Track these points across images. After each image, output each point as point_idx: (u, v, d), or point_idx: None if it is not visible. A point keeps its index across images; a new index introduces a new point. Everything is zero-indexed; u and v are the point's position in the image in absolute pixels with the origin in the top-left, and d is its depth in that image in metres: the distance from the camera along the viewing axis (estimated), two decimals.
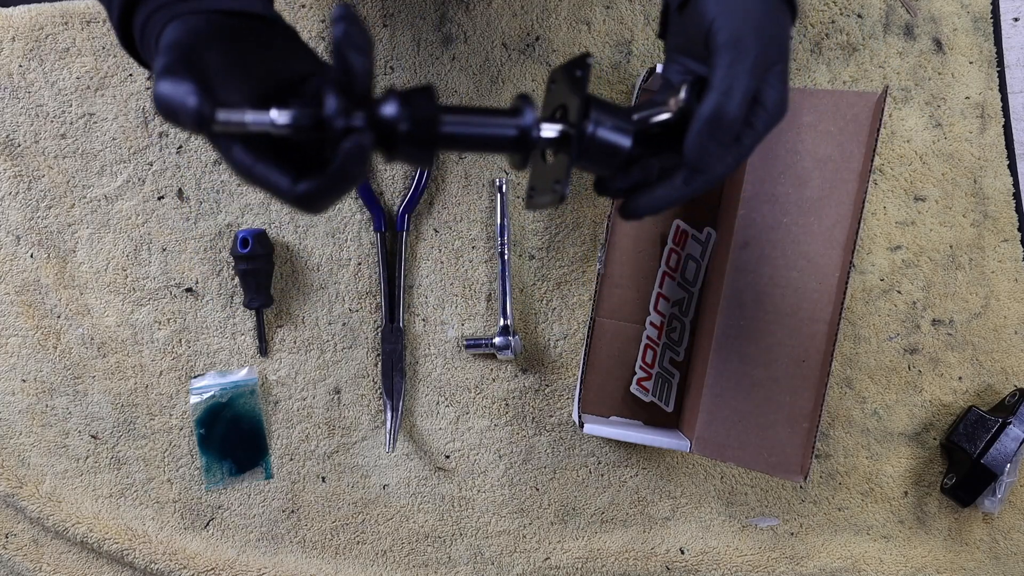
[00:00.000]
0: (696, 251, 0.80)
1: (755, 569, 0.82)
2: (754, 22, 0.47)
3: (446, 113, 0.46)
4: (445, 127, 0.46)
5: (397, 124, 0.44)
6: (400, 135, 0.45)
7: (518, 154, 0.49)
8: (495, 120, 0.48)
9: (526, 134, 0.48)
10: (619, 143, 0.49)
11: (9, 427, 0.83)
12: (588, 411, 0.80)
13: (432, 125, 0.45)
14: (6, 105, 0.81)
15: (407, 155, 0.46)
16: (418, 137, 0.45)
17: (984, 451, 0.78)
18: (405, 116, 0.44)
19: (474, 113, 0.48)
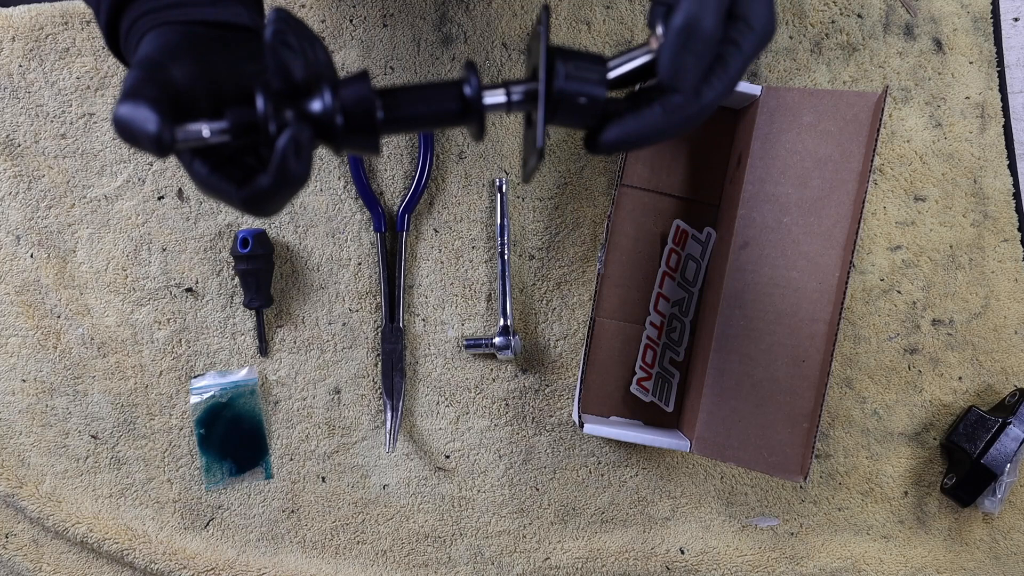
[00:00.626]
0: (696, 251, 0.80)
1: (755, 569, 0.82)
2: None
3: (383, 97, 0.45)
4: (383, 111, 0.45)
5: (332, 117, 0.43)
6: (337, 127, 0.44)
7: (470, 125, 0.47)
8: (436, 95, 0.46)
9: (470, 104, 0.46)
10: (592, 92, 0.45)
11: (9, 427, 0.83)
12: (588, 411, 0.80)
13: (368, 114, 0.44)
14: (6, 105, 0.81)
15: (352, 144, 0.45)
16: (356, 127, 0.44)
17: (984, 451, 0.78)
18: (337, 107, 0.43)
19: (415, 92, 0.46)
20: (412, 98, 0.46)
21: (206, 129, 0.42)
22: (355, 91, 0.44)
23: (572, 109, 0.46)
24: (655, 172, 0.80)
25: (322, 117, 0.44)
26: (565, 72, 0.45)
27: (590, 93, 0.45)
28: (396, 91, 0.46)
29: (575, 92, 0.45)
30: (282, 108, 0.43)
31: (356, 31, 0.82)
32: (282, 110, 0.43)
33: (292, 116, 0.43)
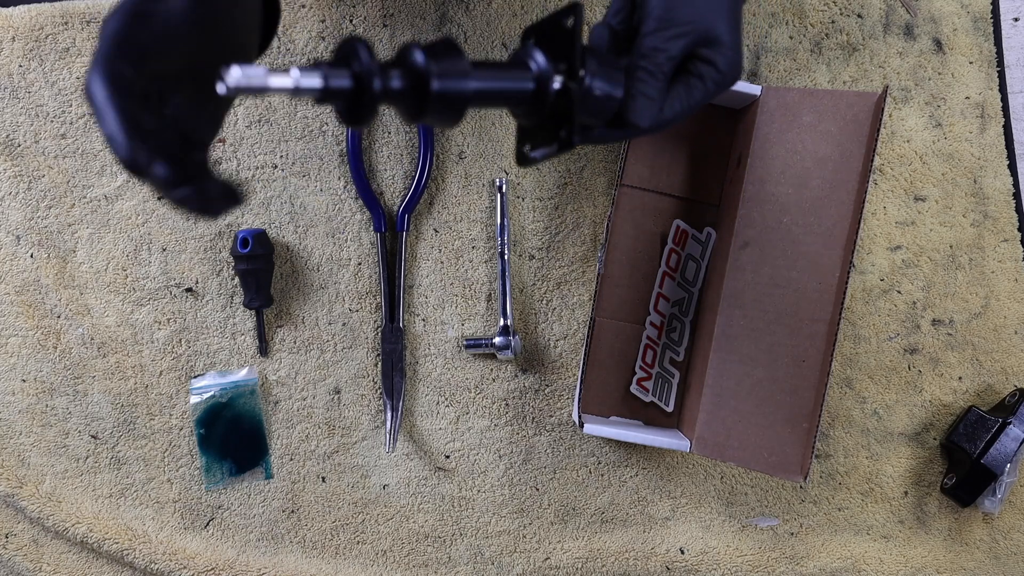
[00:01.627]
0: (696, 251, 0.80)
1: (755, 569, 0.82)
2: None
3: (473, 77, 0.45)
4: (472, 83, 0.45)
5: (429, 81, 0.43)
6: (433, 95, 0.43)
7: (534, 107, 0.49)
8: (513, 74, 0.47)
9: (546, 92, 0.48)
10: (614, 94, 0.50)
11: (9, 427, 0.83)
12: (588, 411, 0.80)
13: (461, 98, 0.45)
14: (6, 105, 0.81)
15: (437, 114, 0.45)
16: (450, 96, 0.44)
17: (984, 451, 0.78)
18: (436, 72, 0.43)
19: (495, 69, 0.47)
20: (494, 74, 0.47)
21: (296, 78, 0.41)
22: (454, 58, 0.44)
23: (595, 108, 0.50)
24: (655, 172, 0.80)
25: (421, 81, 0.43)
26: (594, 72, 0.48)
27: (612, 95, 0.50)
28: (480, 65, 0.46)
29: (603, 94, 0.49)
30: (384, 70, 0.43)
31: (356, 31, 0.82)
32: (387, 71, 0.43)
33: (398, 79, 0.43)
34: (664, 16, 0.51)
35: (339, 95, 0.42)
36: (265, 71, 0.39)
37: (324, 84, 0.41)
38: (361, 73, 0.42)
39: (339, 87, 0.42)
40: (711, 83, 0.53)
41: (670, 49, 0.52)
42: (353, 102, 0.43)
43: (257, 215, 0.82)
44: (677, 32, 0.51)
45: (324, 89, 0.41)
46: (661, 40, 0.51)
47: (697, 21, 0.52)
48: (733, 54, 0.53)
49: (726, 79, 0.54)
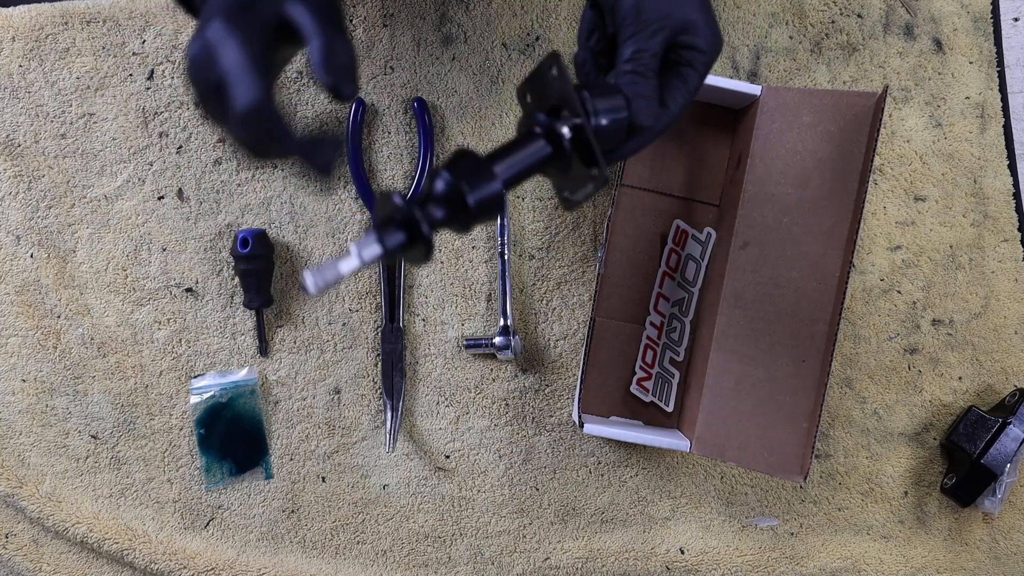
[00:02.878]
0: (696, 251, 0.80)
1: (755, 569, 0.82)
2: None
3: (496, 169, 0.49)
4: (498, 182, 0.49)
5: (465, 199, 0.47)
6: (472, 209, 0.48)
7: (559, 163, 0.52)
8: (528, 149, 0.51)
9: (561, 145, 0.51)
10: (620, 116, 0.53)
11: (9, 427, 0.83)
12: (588, 411, 0.80)
13: (497, 195, 0.49)
14: (6, 105, 0.81)
15: (483, 218, 0.49)
16: (486, 201, 0.48)
17: (984, 451, 0.78)
18: (467, 189, 0.48)
19: (509, 152, 0.51)
20: (515, 158, 0.51)
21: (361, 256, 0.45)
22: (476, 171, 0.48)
23: (609, 137, 0.53)
24: (655, 172, 0.80)
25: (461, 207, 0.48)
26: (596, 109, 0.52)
27: (622, 119, 0.53)
28: (497, 158, 0.50)
29: (611, 123, 0.53)
30: (426, 208, 0.47)
31: (356, 31, 0.82)
32: (426, 208, 0.47)
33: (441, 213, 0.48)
34: (636, 19, 0.54)
35: (398, 249, 0.46)
36: (333, 264, 0.44)
37: (384, 249, 0.46)
38: (407, 221, 0.46)
39: (396, 244, 0.46)
40: (700, 65, 0.55)
41: (651, 47, 0.54)
42: (412, 247, 0.47)
43: (257, 215, 0.82)
44: (653, 29, 0.53)
45: (385, 252, 0.46)
46: (640, 41, 0.54)
47: (669, 13, 0.54)
48: (711, 31, 0.55)
49: (711, 56, 0.56)
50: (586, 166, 0.52)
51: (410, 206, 0.46)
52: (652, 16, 0.53)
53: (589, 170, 0.52)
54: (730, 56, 0.82)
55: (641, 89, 0.53)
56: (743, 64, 0.82)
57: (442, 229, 0.48)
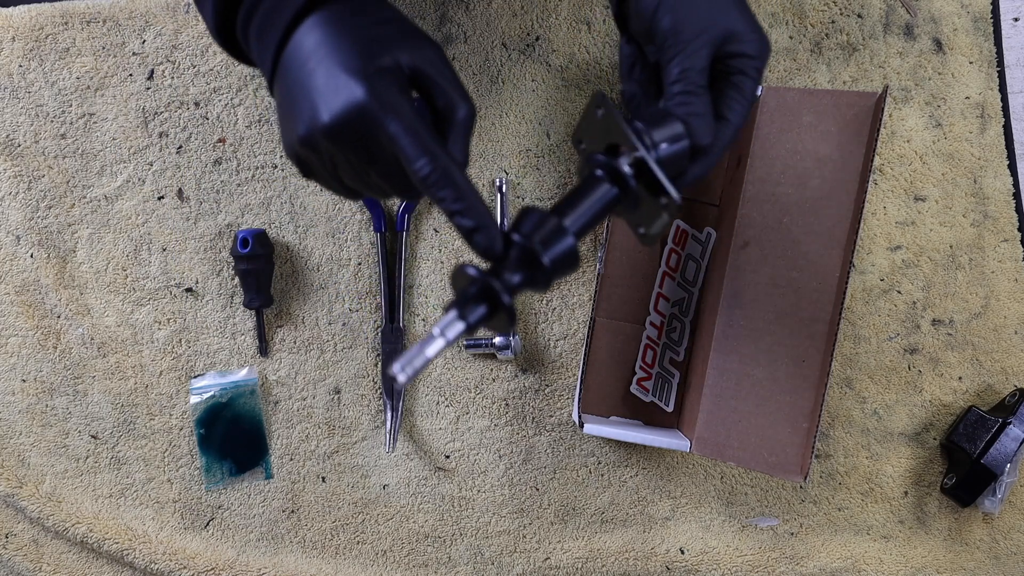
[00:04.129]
0: (696, 251, 0.80)
1: (755, 569, 0.82)
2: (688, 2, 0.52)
3: (566, 222, 0.49)
4: (571, 236, 0.48)
5: (540, 258, 0.47)
6: (547, 268, 0.47)
7: (627, 202, 0.51)
8: (594, 195, 0.50)
9: (626, 183, 0.50)
10: (681, 143, 0.51)
11: (9, 427, 0.83)
12: (588, 411, 0.80)
13: (571, 250, 0.48)
14: (6, 105, 0.81)
15: (562, 274, 0.49)
16: (562, 257, 0.48)
17: (984, 451, 0.77)
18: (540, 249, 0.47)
19: (575, 200, 0.50)
20: (584, 207, 0.50)
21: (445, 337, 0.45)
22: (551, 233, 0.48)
23: (673, 166, 0.52)
24: None
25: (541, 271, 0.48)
26: (654, 142, 0.51)
27: (683, 149, 0.52)
28: (564, 210, 0.49)
29: (673, 154, 0.52)
30: (502, 276, 0.47)
31: None
32: (503, 278, 0.47)
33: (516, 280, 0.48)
34: (676, 38, 0.52)
35: (480, 322, 0.46)
36: (419, 351, 0.44)
37: (467, 325, 0.45)
38: (486, 292, 0.46)
39: (479, 318, 0.46)
40: (753, 71, 0.54)
41: (696, 63, 0.52)
42: (494, 317, 0.47)
43: (257, 215, 0.82)
44: (695, 45, 0.52)
45: (468, 328, 0.46)
46: (685, 60, 0.52)
47: (707, 26, 0.52)
48: (756, 35, 0.54)
49: (762, 60, 0.54)
50: (655, 197, 0.51)
51: (486, 277, 0.46)
52: (691, 32, 0.52)
53: (659, 200, 0.50)
54: None
55: (695, 108, 0.52)
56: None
57: (521, 292, 0.48)
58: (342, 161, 0.48)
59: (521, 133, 0.82)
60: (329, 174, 0.50)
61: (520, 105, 0.82)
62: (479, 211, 0.47)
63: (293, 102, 0.48)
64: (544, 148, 0.82)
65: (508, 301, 0.45)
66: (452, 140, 0.49)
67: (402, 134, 0.46)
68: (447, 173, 0.46)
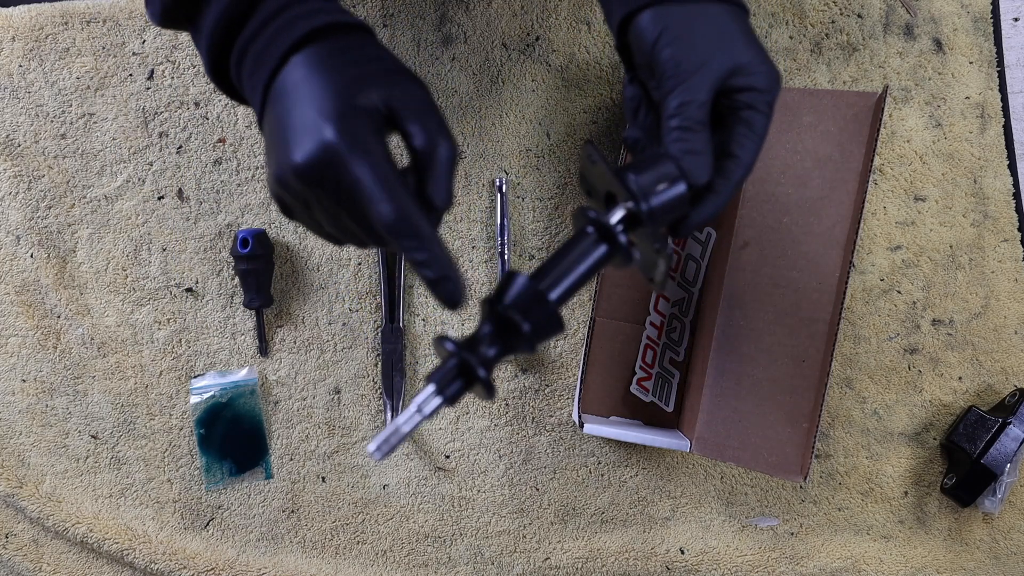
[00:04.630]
0: (696, 251, 0.80)
1: (755, 569, 0.82)
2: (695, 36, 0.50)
3: (549, 290, 0.48)
4: (551, 303, 0.48)
5: (520, 329, 0.47)
6: (527, 336, 0.47)
7: (620, 258, 0.50)
8: (582, 251, 0.49)
9: (615, 241, 0.49)
10: (677, 189, 0.49)
11: (9, 427, 0.83)
12: (588, 411, 0.80)
13: (553, 318, 0.48)
14: (6, 105, 0.81)
15: (546, 337, 0.49)
16: (544, 326, 0.48)
17: (984, 451, 0.78)
18: (520, 320, 0.47)
19: (562, 260, 0.49)
20: (569, 269, 0.49)
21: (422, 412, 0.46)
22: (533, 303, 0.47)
23: (669, 212, 0.50)
24: None
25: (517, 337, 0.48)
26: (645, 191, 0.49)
27: (677, 195, 0.49)
28: (549, 273, 0.49)
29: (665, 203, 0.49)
30: (478, 351, 0.47)
31: None
32: (479, 352, 0.47)
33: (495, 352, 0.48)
34: (676, 70, 0.50)
35: (458, 395, 0.46)
36: (396, 428, 0.45)
37: (444, 399, 0.46)
38: (462, 367, 0.46)
39: (455, 392, 0.46)
40: (763, 105, 0.51)
41: (697, 97, 0.50)
42: (471, 389, 0.47)
43: (257, 215, 0.82)
44: (697, 79, 0.50)
45: (446, 402, 0.46)
46: (684, 93, 0.50)
47: (710, 59, 0.50)
48: (765, 67, 0.51)
49: (773, 94, 0.52)
50: (651, 245, 0.50)
51: (462, 352, 0.46)
52: (693, 64, 0.49)
53: (654, 247, 0.49)
54: None
55: (691, 145, 0.49)
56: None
57: (501, 361, 0.48)
58: (315, 203, 0.47)
59: (521, 133, 0.82)
60: (307, 216, 0.49)
61: (520, 105, 0.82)
62: (442, 261, 0.46)
63: (272, 141, 0.48)
64: (544, 148, 0.82)
65: (484, 375, 0.46)
66: (433, 181, 0.48)
67: (367, 176, 0.44)
68: (410, 220, 0.45)
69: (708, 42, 0.50)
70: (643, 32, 0.51)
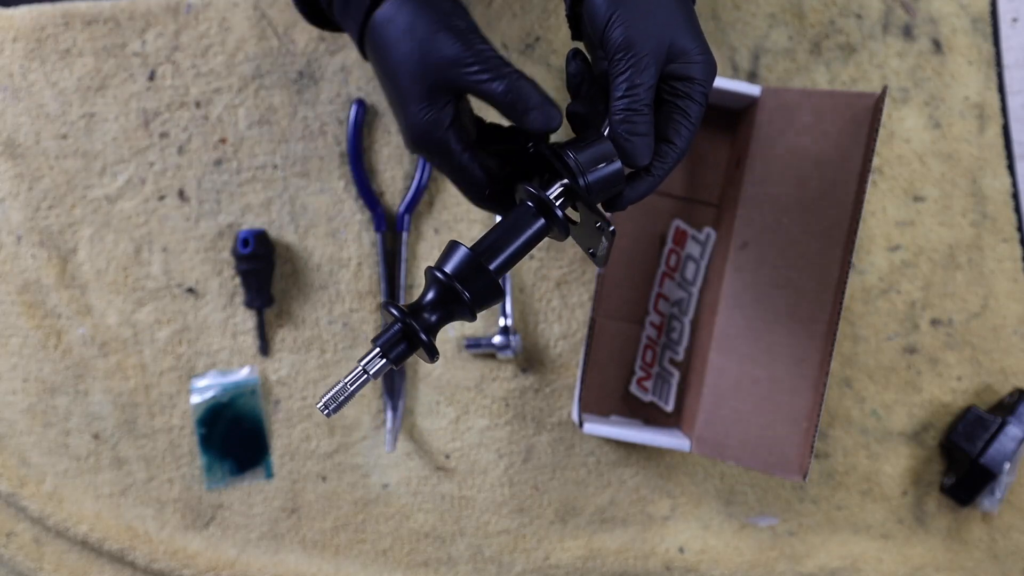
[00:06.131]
0: (696, 251, 0.80)
1: (754, 568, 0.82)
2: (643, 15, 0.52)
3: (489, 261, 0.50)
4: (492, 273, 0.50)
5: (460, 296, 0.49)
6: (469, 303, 0.49)
7: (557, 230, 0.52)
8: (521, 224, 0.51)
9: (552, 215, 0.51)
10: (612, 168, 0.51)
11: (10, 427, 0.83)
12: (588, 411, 0.80)
13: (492, 286, 0.50)
14: (7, 105, 0.81)
15: (486, 305, 0.51)
16: (483, 292, 0.50)
17: (983, 451, 0.78)
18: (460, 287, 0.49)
19: (502, 232, 0.51)
20: (508, 242, 0.51)
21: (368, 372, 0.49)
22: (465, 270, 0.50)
23: (605, 188, 0.52)
24: None
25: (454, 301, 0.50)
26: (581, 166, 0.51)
27: (612, 172, 0.52)
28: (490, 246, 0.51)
29: (601, 178, 0.52)
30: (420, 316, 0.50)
31: None
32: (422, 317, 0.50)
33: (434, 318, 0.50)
34: (627, 52, 0.51)
35: (402, 358, 0.49)
36: (343, 386, 0.48)
37: (388, 361, 0.49)
38: (406, 331, 0.49)
39: (398, 355, 0.49)
40: (699, 95, 0.53)
41: (645, 80, 0.51)
42: (415, 352, 0.50)
43: (258, 215, 0.82)
44: (646, 62, 0.51)
45: (390, 362, 0.49)
46: (634, 75, 0.51)
47: (658, 44, 0.51)
48: (704, 57, 0.53)
49: (709, 84, 0.54)
50: (593, 221, 0.51)
51: (405, 317, 0.48)
52: (644, 48, 0.51)
53: (595, 224, 0.51)
54: (729, 57, 0.83)
55: (638, 127, 0.51)
56: (742, 65, 0.83)
57: (443, 326, 0.50)
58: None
59: None
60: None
61: None
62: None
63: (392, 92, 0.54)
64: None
65: (426, 340, 0.48)
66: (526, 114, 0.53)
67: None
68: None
69: (658, 27, 0.52)
70: (597, 9, 0.53)
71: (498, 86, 0.50)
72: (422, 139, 0.53)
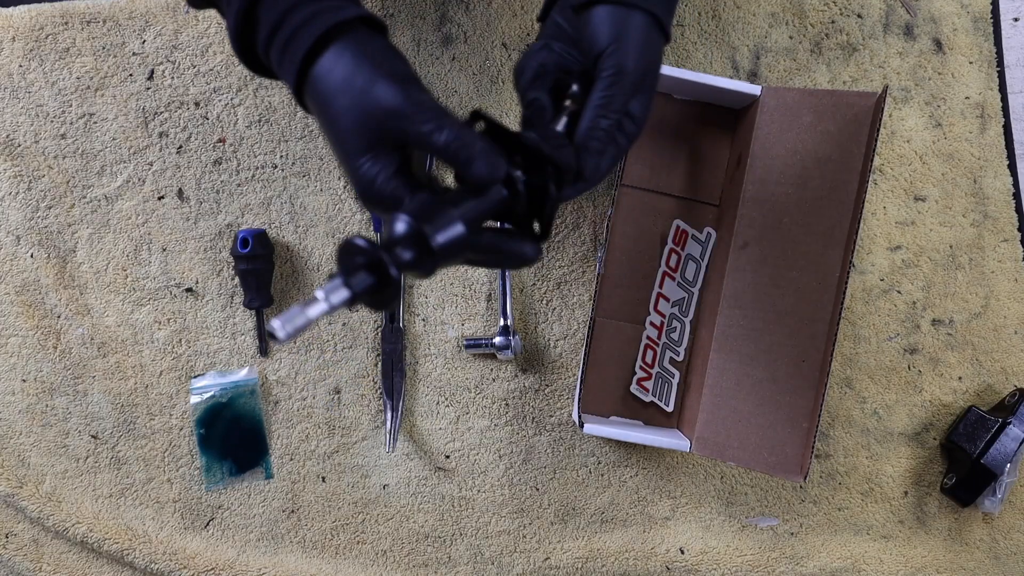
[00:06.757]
0: (696, 251, 0.80)
1: (755, 569, 0.82)
2: (636, 51, 0.54)
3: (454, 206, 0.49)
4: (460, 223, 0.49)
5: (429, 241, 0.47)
6: (436, 249, 0.47)
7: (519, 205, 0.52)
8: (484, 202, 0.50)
9: (515, 186, 0.51)
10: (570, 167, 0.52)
11: (9, 427, 0.83)
12: (588, 411, 0.80)
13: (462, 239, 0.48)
14: (6, 105, 0.81)
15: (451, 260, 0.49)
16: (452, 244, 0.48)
17: (984, 451, 0.78)
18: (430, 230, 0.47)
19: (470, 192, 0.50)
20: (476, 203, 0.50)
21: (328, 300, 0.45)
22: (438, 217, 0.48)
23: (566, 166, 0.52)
24: (655, 172, 0.80)
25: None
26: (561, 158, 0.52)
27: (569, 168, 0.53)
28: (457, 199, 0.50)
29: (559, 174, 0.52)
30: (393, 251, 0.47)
31: None
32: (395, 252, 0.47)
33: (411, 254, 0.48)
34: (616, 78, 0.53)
35: (366, 293, 0.46)
36: (301, 310, 0.44)
37: (351, 292, 0.45)
38: (374, 264, 0.46)
39: (364, 287, 0.46)
40: (634, 136, 0.56)
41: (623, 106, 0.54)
42: (379, 292, 0.47)
43: (257, 215, 0.82)
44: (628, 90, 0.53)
45: (353, 296, 0.45)
46: (617, 99, 0.53)
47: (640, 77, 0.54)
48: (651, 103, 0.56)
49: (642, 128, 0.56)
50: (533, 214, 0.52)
51: (377, 249, 0.46)
52: (629, 76, 0.53)
53: (531, 219, 0.52)
54: (730, 56, 0.82)
55: (605, 147, 0.54)
56: (743, 64, 0.82)
57: (408, 272, 0.48)
58: None
59: None
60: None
61: (520, 105, 0.82)
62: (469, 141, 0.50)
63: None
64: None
65: (395, 274, 0.46)
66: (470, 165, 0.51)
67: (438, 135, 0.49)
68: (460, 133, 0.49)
69: (642, 60, 0.54)
70: (597, 28, 0.54)
71: (439, 137, 0.49)
72: (369, 193, 0.51)
